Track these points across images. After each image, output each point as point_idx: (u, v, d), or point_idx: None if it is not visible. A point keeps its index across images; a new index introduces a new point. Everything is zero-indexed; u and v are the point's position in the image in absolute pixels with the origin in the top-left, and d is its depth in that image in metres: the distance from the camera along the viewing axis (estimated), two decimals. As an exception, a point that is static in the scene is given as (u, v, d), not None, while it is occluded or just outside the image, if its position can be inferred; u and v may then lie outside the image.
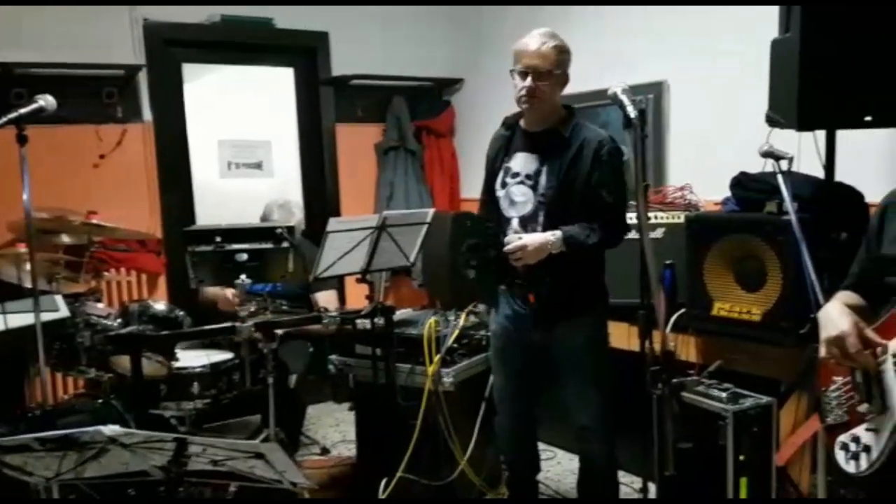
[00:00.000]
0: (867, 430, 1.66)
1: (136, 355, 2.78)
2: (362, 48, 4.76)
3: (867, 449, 1.66)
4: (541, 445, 3.19)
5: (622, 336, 3.19)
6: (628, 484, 3.35)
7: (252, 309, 2.91)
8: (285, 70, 4.79)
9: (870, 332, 1.64)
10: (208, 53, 4.56)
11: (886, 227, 1.72)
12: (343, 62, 4.73)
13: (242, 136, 4.68)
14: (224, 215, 4.16)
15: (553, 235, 2.57)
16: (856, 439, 1.69)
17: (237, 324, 2.80)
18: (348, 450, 3.92)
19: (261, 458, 1.68)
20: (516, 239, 2.59)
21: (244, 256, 2.88)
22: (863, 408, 1.67)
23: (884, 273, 1.70)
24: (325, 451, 3.98)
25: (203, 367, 3.12)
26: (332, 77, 4.74)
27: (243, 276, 2.87)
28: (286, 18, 4.52)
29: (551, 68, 2.58)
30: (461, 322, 3.26)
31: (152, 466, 1.86)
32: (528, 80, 2.57)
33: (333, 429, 4.36)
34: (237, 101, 4.64)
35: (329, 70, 4.74)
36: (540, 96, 2.59)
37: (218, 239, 2.86)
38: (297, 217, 3.89)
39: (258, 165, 4.74)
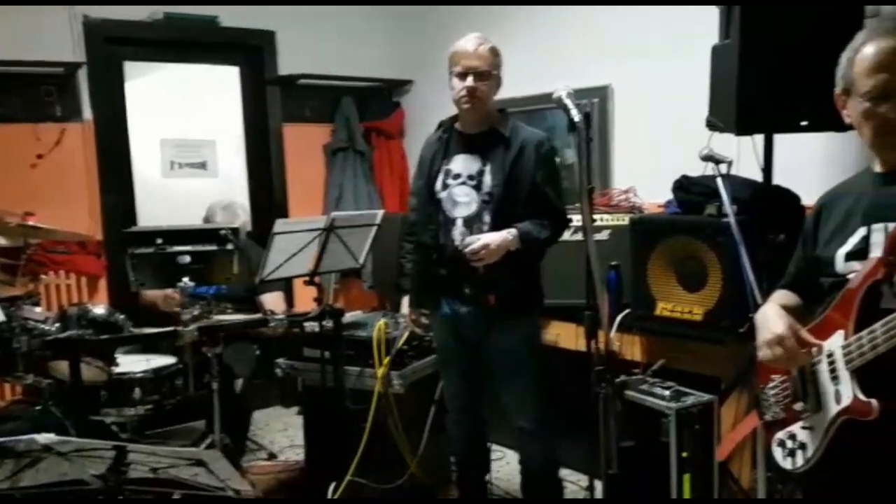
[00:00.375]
0: (803, 427, 1.69)
1: (75, 360, 2.70)
2: (310, 48, 4.71)
3: (803, 446, 1.69)
4: (491, 446, 3.20)
5: (569, 336, 3.23)
6: (575, 482, 3.40)
7: (195, 312, 2.85)
8: (230, 69, 4.72)
9: (805, 333, 1.67)
10: (151, 51, 4.46)
11: (821, 228, 1.75)
12: (290, 61, 4.68)
13: (186, 136, 4.59)
14: (167, 216, 4.07)
15: (510, 233, 2.61)
16: (792, 436, 1.72)
17: (180, 327, 2.74)
18: (296, 454, 3.88)
19: (202, 465, 1.65)
20: (476, 239, 2.60)
21: (187, 258, 2.82)
22: (798, 406, 1.70)
23: (819, 273, 1.72)
24: (272, 456, 3.93)
25: (145, 372, 3.05)
26: (278, 76, 4.68)
27: (186, 279, 2.82)
28: (231, 17, 4.45)
29: (489, 69, 2.65)
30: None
31: (91, 475, 1.81)
32: (469, 81, 2.62)
33: (281, 433, 4.31)
34: (181, 100, 4.55)
35: (276, 69, 4.68)
36: (480, 96, 2.64)
37: (159, 241, 2.80)
38: (241, 219, 3.83)
39: (202, 165, 4.66)
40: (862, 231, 1.61)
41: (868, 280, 1.54)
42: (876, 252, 1.56)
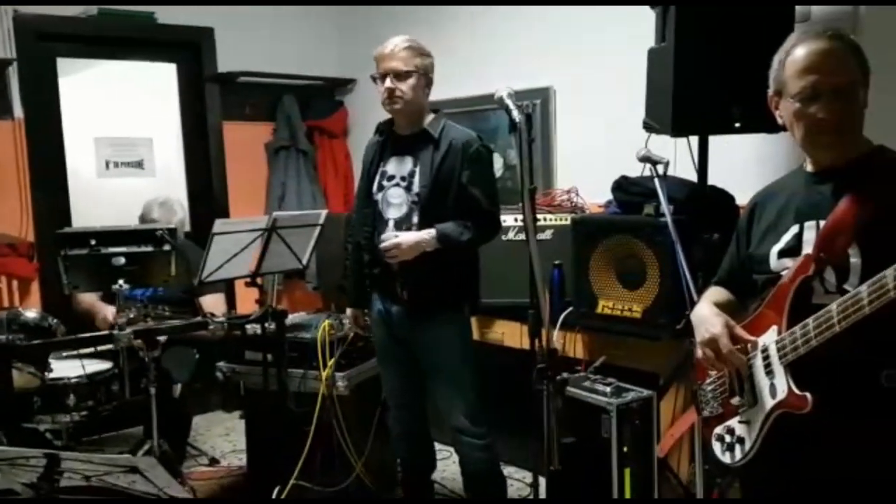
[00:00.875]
0: (740, 422, 1.72)
1: (6, 366, 2.61)
2: (250, 45, 4.64)
3: (741, 440, 1.72)
4: (436, 445, 3.20)
5: (514, 335, 3.26)
6: (521, 479, 3.43)
7: (131, 315, 2.78)
8: (168, 66, 4.62)
9: (739, 330, 1.70)
10: (85, 48, 4.33)
11: (755, 226, 1.79)
12: (230, 59, 4.59)
13: (122, 134, 4.47)
14: (103, 217, 3.96)
15: (427, 234, 2.64)
16: (730, 431, 1.76)
17: (115, 331, 2.67)
18: (239, 459, 3.82)
19: (138, 472, 1.61)
20: (392, 237, 2.64)
21: (122, 260, 2.76)
22: (735, 401, 1.73)
23: (752, 270, 1.76)
24: (214, 461, 3.85)
25: (79, 377, 2.96)
26: (217, 73, 4.60)
27: (121, 282, 2.75)
28: (169, 13, 4.36)
29: (407, 68, 2.65)
30: (355, 325, 3.24)
31: (21, 484, 1.75)
32: (388, 83, 2.65)
33: (223, 438, 4.23)
34: (116, 98, 4.43)
35: (215, 66, 4.60)
36: (401, 96, 2.66)
37: (93, 242, 2.72)
38: (178, 216, 3.74)
39: (139, 164, 4.54)
40: (794, 229, 1.65)
41: (799, 276, 1.58)
42: (808, 249, 1.60)
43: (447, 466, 3.65)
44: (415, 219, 2.69)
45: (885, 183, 1.53)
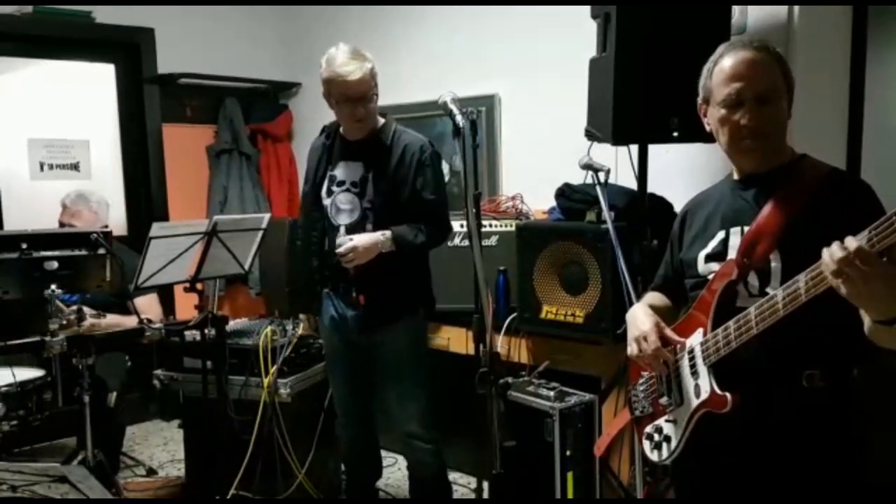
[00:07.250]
0: (667, 421, 1.78)
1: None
2: (192, 46, 4.56)
3: (668, 439, 1.77)
4: (382, 452, 3.18)
5: (459, 340, 3.27)
6: (465, 485, 3.43)
7: (63, 322, 2.69)
8: (106, 66, 4.50)
9: (668, 332, 1.76)
10: (20, 47, 4.20)
11: (686, 232, 1.85)
12: (170, 60, 4.50)
13: (57, 135, 4.34)
14: (37, 220, 3.83)
15: (383, 235, 2.64)
16: (659, 430, 1.81)
17: (47, 338, 2.58)
18: (177, 469, 3.73)
19: (67, 482, 1.56)
20: (347, 241, 2.62)
21: (54, 264, 2.66)
22: (664, 401, 1.78)
23: (684, 275, 1.82)
24: (151, 471, 3.76)
25: (9, 385, 2.85)
26: (157, 75, 4.50)
27: (54, 287, 2.66)
28: (107, 13, 4.25)
29: (372, 90, 2.65)
30: (299, 331, 3.20)
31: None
32: (359, 112, 2.62)
33: (161, 448, 4.13)
34: (52, 98, 4.31)
35: (155, 67, 4.50)
36: (367, 119, 2.67)
37: (24, 245, 2.62)
38: (94, 208, 3.60)
39: (75, 166, 4.41)
40: (720, 234, 1.71)
41: (724, 280, 1.64)
42: (733, 254, 1.66)
43: (392, 473, 3.64)
44: (368, 225, 2.69)
45: (804, 191, 1.59)
